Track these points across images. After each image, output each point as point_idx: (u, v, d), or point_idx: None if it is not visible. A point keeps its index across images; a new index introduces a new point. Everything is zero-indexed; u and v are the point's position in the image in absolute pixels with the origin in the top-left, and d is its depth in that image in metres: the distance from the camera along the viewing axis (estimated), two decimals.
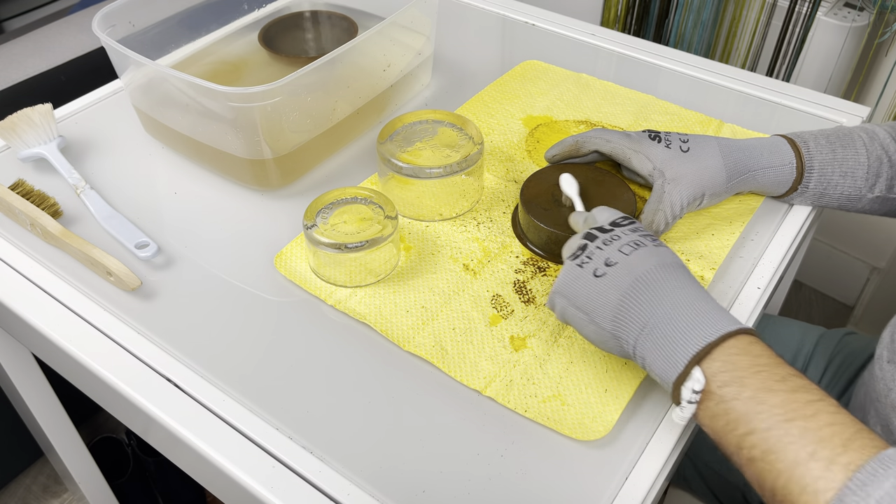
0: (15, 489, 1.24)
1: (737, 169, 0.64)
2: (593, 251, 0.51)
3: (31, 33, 1.04)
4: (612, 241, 0.51)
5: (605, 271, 0.49)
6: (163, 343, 0.57)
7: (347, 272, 0.60)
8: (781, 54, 1.26)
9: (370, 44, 0.71)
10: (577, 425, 0.52)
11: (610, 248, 0.50)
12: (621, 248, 0.50)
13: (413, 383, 0.55)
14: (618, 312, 0.48)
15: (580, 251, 0.51)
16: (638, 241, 0.50)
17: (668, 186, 0.62)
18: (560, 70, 0.87)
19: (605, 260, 0.50)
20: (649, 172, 0.64)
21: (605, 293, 0.49)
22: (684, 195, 0.62)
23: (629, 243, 0.50)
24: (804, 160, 0.65)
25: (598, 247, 0.51)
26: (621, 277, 0.49)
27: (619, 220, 0.53)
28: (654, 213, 0.62)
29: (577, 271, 0.51)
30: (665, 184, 0.62)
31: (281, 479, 0.49)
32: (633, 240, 0.50)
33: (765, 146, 0.65)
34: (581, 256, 0.51)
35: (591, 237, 0.52)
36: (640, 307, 0.48)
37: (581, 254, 0.51)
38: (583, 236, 0.52)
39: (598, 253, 0.50)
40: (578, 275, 0.50)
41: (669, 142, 0.64)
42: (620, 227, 0.52)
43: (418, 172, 0.64)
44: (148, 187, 0.72)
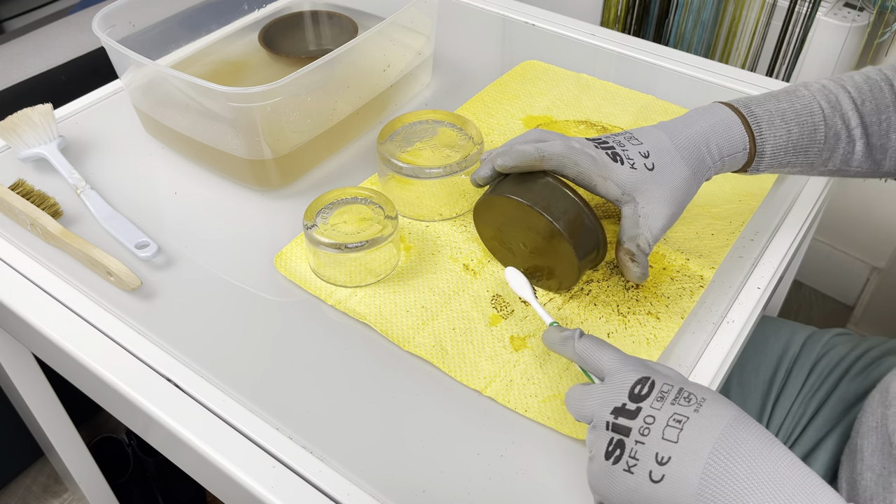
0: (15, 489, 1.24)
1: (701, 173, 0.59)
2: (636, 449, 0.41)
3: (31, 33, 1.04)
4: (649, 428, 0.41)
5: (661, 474, 0.39)
6: (163, 343, 0.57)
7: (347, 272, 0.60)
8: (781, 54, 1.26)
9: (370, 44, 0.71)
10: (577, 425, 0.52)
11: (651, 438, 0.40)
12: (663, 433, 0.40)
13: (413, 383, 0.55)
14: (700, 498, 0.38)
15: (616, 449, 0.41)
16: (678, 416, 0.41)
17: (643, 211, 0.57)
18: (560, 70, 0.87)
19: (657, 457, 0.40)
20: (617, 198, 0.57)
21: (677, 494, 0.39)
22: (661, 218, 0.57)
23: (670, 423, 0.40)
24: (756, 144, 0.59)
25: (637, 441, 0.41)
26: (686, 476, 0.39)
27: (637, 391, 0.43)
28: (636, 238, 0.57)
29: (630, 480, 0.41)
30: (639, 208, 0.57)
31: (281, 479, 0.49)
32: (671, 415, 0.41)
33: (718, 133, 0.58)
34: (623, 458, 0.41)
35: (621, 430, 0.42)
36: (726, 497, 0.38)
37: (622, 454, 0.41)
38: (609, 429, 0.43)
39: (641, 450, 0.40)
40: (635, 485, 0.40)
41: (633, 161, 0.57)
42: (646, 400, 0.42)
43: (418, 172, 0.64)
44: (148, 187, 0.72)
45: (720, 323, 0.59)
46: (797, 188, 0.71)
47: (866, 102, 0.60)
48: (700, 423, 0.40)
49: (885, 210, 1.40)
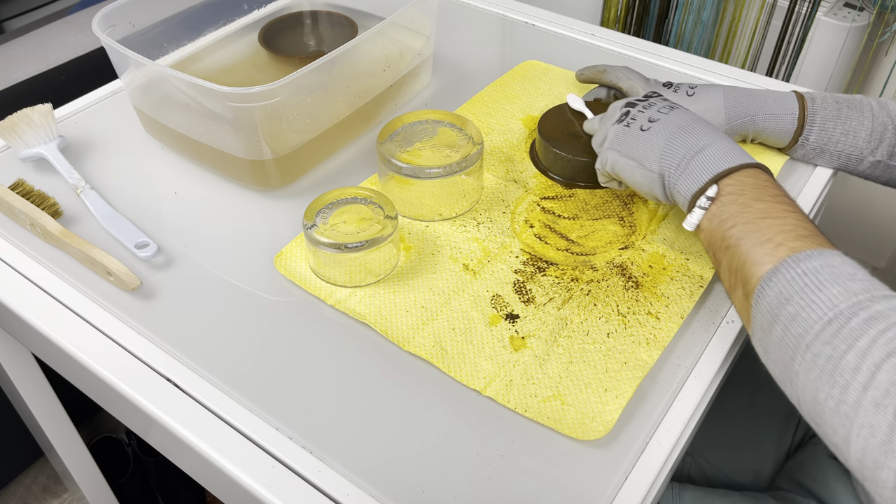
0: (15, 489, 1.24)
1: (737, 112, 0.69)
2: (636, 114, 0.60)
3: (31, 33, 1.04)
4: (650, 106, 0.60)
5: (649, 126, 0.59)
6: (163, 343, 0.57)
7: (347, 272, 0.60)
8: (781, 54, 1.26)
9: (370, 44, 0.71)
10: (577, 425, 0.52)
11: (650, 110, 0.60)
12: (660, 109, 0.60)
13: (413, 383, 0.55)
14: (663, 154, 0.57)
15: (623, 116, 0.61)
16: (671, 105, 0.60)
17: None
18: (560, 70, 0.87)
19: (649, 118, 0.59)
20: None
21: (652, 141, 0.58)
22: None
23: (665, 106, 0.60)
24: (807, 113, 0.68)
25: (639, 111, 0.60)
26: (665, 128, 0.58)
27: (650, 94, 0.63)
28: None
29: (625, 130, 0.60)
30: None
31: (281, 479, 0.49)
32: (667, 104, 0.60)
33: (771, 95, 0.70)
34: (626, 119, 0.60)
35: (632, 104, 0.61)
36: (680, 147, 0.56)
37: (625, 118, 0.61)
38: (623, 104, 0.62)
39: (640, 115, 0.60)
40: (626, 132, 0.60)
41: (678, 88, 0.71)
42: (653, 98, 0.62)
43: (418, 172, 0.64)
44: (148, 187, 0.72)
45: (720, 323, 0.59)
46: (797, 188, 0.71)
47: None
48: (684, 110, 0.60)
49: (885, 210, 1.40)
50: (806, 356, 0.43)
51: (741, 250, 0.50)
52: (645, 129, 0.59)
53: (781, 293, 0.46)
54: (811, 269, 0.45)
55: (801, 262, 0.46)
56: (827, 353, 0.42)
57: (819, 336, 0.43)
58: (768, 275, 0.47)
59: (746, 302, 0.49)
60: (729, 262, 0.51)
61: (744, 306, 0.50)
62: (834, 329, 0.43)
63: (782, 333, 0.45)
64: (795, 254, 0.47)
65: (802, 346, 0.44)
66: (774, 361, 0.47)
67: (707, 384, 0.55)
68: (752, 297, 0.48)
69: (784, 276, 0.46)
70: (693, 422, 0.53)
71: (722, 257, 0.52)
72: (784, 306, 0.45)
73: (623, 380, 0.54)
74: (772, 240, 0.48)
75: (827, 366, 0.42)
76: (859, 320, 0.42)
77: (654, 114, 0.59)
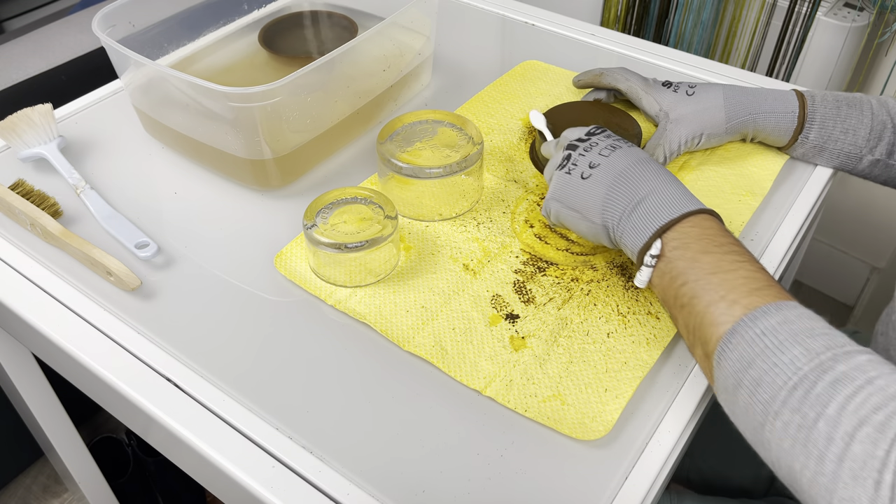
0: (15, 489, 1.24)
1: (737, 110, 0.69)
2: (577, 158, 0.58)
3: (31, 33, 1.04)
4: (591, 148, 0.58)
5: (590, 173, 0.57)
6: (163, 343, 0.57)
7: (347, 272, 0.60)
8: (781, 54, 1.26)
9: (370, 44, 0.71)
10: (577, 425, 0.52)
11: (591, 153, 0.58)
12: (601, 151, 0.57)
13: (413, 383, 0.55)
14: (604, 205, 0.55)
15: (565, 161, 0.59)
16: (614, 144, 0.58)
17: (670, 126, 0.69)
18: (560, 70, 0.87)
19: (589, 163, 0.57)
20: (656, 113, 0.72)
21: (593, 191, 0.56)
22: (683, 134, 0.69)
23: (607, 147, 0.58)
24: (807, 111, 0.68)
25: (580, 154, 0.58)
26: (605, 175, 0.56)
27: (592, 131, 0.60)
28: (655, 148, 0.70)
29: (566, 178, 0.58)
30: (667, 123, 0.70)
31: (281, 479, 0.49)
32: (609, 144, 0.58)
33: (771, 94, 0.69)
34: (567, 165, 0.58)
35: (573, 147, 0.59)
36: (622, 197, 0.54)
37: (566, 163, 0.58)
38: (564, 148, 0.60)
39: (581, 159, 0.58)
40: (567, 181, 0.58)
41: (678, 87, 0.71)
42: (596, 136, 0.59)
43: (418, 172, 0.64)
44: (148, 187, 0.72)
45: None
46: (797, 188, 0.71)
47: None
48: (626, 151, 0.57)
49: (885, 210, 1.40)
50: (776, 424, 0.42)
51: (696, 310, 0.48)
52: (586, 176, 0.57)
53: (742, 356, 0.44)
54: (769, 329, 0.44)
55: (757, 320, 0.45)
56: (797, 421, 0.41)
57: (786, 403, 0.42)
58: (726, 337, 0.46)
59: (708, 362, 0.48)
60: (685, 321, 0.50)
61: (705, 366, 0.49)
62: (800, 395, 0.41)
63: (748, 399, 0.44)
64: (751, 312, 0.45)
65: (771, 414, 0.42)
66: (744, 425, 0.46)
67: (707, 384, 0.55)
68: (714, 359, 0.47)
69: (742, 338, 0.45)
70: (693, 422, 0.53)
71: (678, 315, 0.50)
72: (747, 370, 0.44)
73: (623, 380, 0.54)
74: (725, 297, 0.47)
75: (798, 435, 0.41)
76: (825, 384, 0.41)
77: (594, 157, 0.57)
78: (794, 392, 0.41)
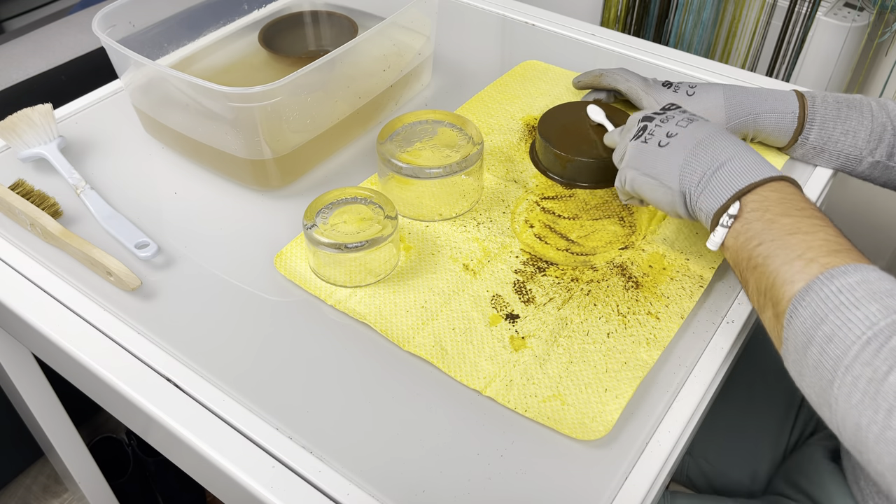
0: (15, 489, 1.24)
1: (737, 110, 0.69)
2: (653, 129, 0.58)
3: (31, 33, 1.04)
4: (668, 120, 0.58)
5: (668, 141, 0.57)
6: (163, 343, 0.57)
7: (347, 272, 0.60)
8: (781, 54, 1.26)
9: (370, 44, 0.71)
10: (577, 425, 0.52)
11: (668, 124, 0.58)
12: (678, 122, 0.58)
13: (413, 383, 0.55)
14: (683, 171, 0.55)
15: (641, 132, 0.59)
16: (690, 117, 0.58)
17: None
18: (560, 70, 0.87)
19: (667, 132, 0.57)
20: None
21: (671, 157, 0.56)
22: None
23: (684, 119, 0.58)
24: (807, 111, 0.68)
25: (657, 125, 0.58)
26: (684, 143, 0.56)
27: (668, 106, 0.61)
28: None
29: (643, 146, 0.58)
30: None
31: (281, 479, 0.49)
32: (686, 116, 0.58)
33: (772, 94, 0.69)
34: (643, 135, 0.59)
35: (649, 119, 0.60)
36: (701, 163, 0.54)
37: (643, 133, 0.59)
38: (640, 119, 0.60)
39: (658, 129, 0.58)
40: (644, 149, 0.58)
41: (678, 88, 0.71)
42: (671, 110, 0.60)
43: (418, 172, 0.64)
44: (148, 187, 0.72)
45: (720, 323, 0.59)
46: None
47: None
48: (703, 123, 0.57)
49: (885, 210, 1.40)
50: (845, 379, 0.41)
51: (770, 269, 0.47)
52: (663, 144, 0.57)
53: (816, 312, 0.43)
54: (846, 286, 0.43)
55: (835, 278, 0.43)
56: (867, 374, 0.40)
57: (858, 357, 0.40)
58: (800, 293, 0.44)
59: (777, 323, 0.47)
60: (757, 282, 0.49)
61: (775, 327, 0.47)
62: (874, 349, 0.40)
63: (818, 355, 0.43)
64: (829, 270, 0.44)
65: (841, 369, 0.41)
66: (810, 386, 0.44)
67: (707, 384, 0.55)
68: (784, 318, 0.46)
69: (818, 295, 0.43)
70: (693, 422, 0.53)
71: (749, 277, 0.50)
72: (819, 326, 0.43)
73: (623, 380, 0.54)
74: (802, 256, 0.46)
75: (868, 388, 0.39)
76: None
77: (672, 128, 0.57)
78: (868, 346, 0.40)
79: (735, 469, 0.78)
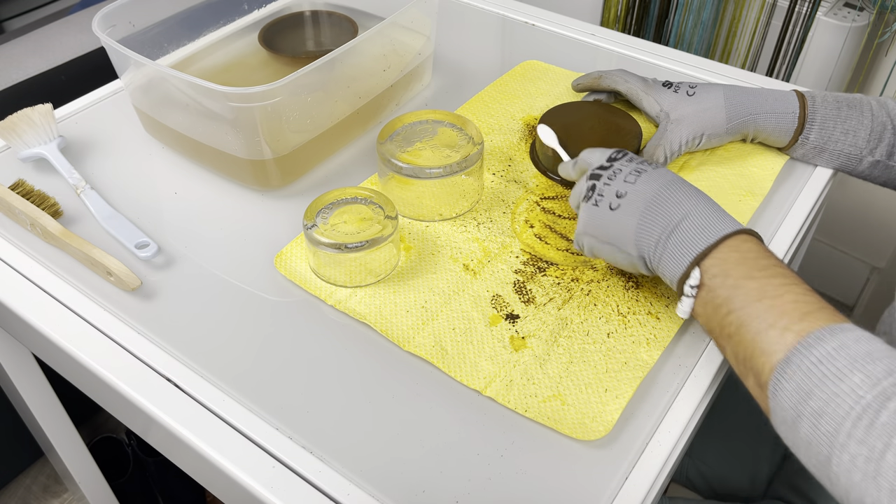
0: (15, 489, 1.24)
1: (738, 111, 0.69)
2: (602, 188, 0.56)
3: (31, 33, 1.04)
4: (615, 176, 0.56)
5: (618, 203, 0.54)
6: (163, 343, 0.57)
7: (347, 272, 0.60)
8: (781, 54, 1.26)
9: (370, 44, 0.71)
10: (577, 425, 0.52)
11: (616, 181, 0.55)
12: (626, 178, 0.55)
13: (413, 383, 0.55)
14: (638, 235, 0.53)
15: (590, 192, 0.56)
16: (638, 169, 0.55)
17: (671, 126, 0.69)
18: (560, 70, 0.87)
19: (616, 192, 0.55)
20: (656, 114, 0.72)
21: (624, 222, 0.54)
22: (684, 134, 0.69)
23: (631, 172, 0.55)
24: (807, 111, 0.68)
25: (605, 183, 0.56)
26: (634, 205, 0.54)
27: (613, 156, 0.58)
28: (655, 148, 0.69)
29: (594, 210, 0.56)
30: (668, 124, 0.70)
31: (281, 479, 0.49)
32: (634, 169, 0.56)
33: (772, 94, 0.69)
34: (593, 196, 0.56)
35: (596, 177, 0.57)
36: (655, 225, 0.53)
37: (592, 194, 0.56)
38: (588, 178, 0.57)
39: (606, 189, 0.55)
40: (595, 213, 0.56)
41: (678, 88, 0.71)
42: (618, 161, 0.57)
43: (418, 172, 0.64)
44: (148, 187, 0.72)
45: None
46: (797, 188, 0.71)
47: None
48: (652, 175, 0.55)
49: (885, 210, 1.40)
50: (842, 458, 0.40)
51: (745, 339, 0.47)
52: (614, 207, 0.55)
53: (800, 387, 0.43)
54: (826, 356, 0.42)
55: (811, 348, 0.43)
56: (864, 453, 0.39)
57: (851, 435, 0.40)
58: (780, 366, 0.44)
59: (762, 393, 0.46)
60: (734, 351, 0.48)
61: (760, 396, 0.47)
62: (865, 425, 0.40)
63: (811, 431, 0.42)
64: (804, 338, 0.43)
65: (837, 447, 0.41)
66: (807, 459, 0.44)
67: (707, 384, 0.55)
68: (768, 390, 0.45)
69: (799, 367, 0.43)
70: (693, 422, 0.53)
71: (725, 344, 0.49)
72: (806, 402, 0.42)
73: (623, 380, 0.54)
74: (774, 325, 0.45)
75: (868, 468, 0.39)
76: (889, 413, 0.39)
77: (620, 186, 0.55)
78: (859, 423, 0.40)
79: (734, 472, 0.78)
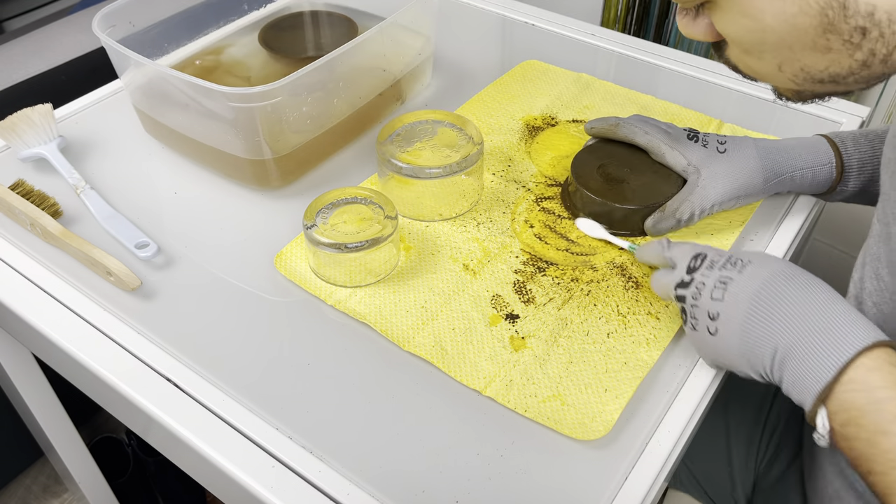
0: (15, 489, 1.24)
1: (774, 171, 0.64)
2: (693, 311, 0.52)
3: (31, 33, 1.04)
4: (700, 294, 0.51)
5: (715, 327, 0.50)
6: (163, 343, 0.57)
7: (347, 272, 0.60)
8: None
9: (370, 44, 0.71)
10: (577, 425, 0.52)
11: (702, 300, 0.51)
12: (712, 295, 0.50)
13: (413, 383, 0.55)
14: (748, 357, 0.49)
15: (684, 315, 0.53)
16: (723, 279, 0.50)
17: (703, 181, 0.63)
18: (560, 70, 0.87)
19: (709, 314, 0.50)
20: (683, 168, 0.65)
21: (728, 346, 0.50)
22: (719, 192, 0.63)
23: (716, 286, 0.50)
24: (843, 159, 0.64)
25: (692, 306, 0.52)
26: (730, 326, 0.49)
27: (692, 265, 0.53)
28: (682, 202, 0.63)
29: (697, 336, 0.52)
30: (700, 179, 0.63)
31: (281, 479, 0.49)
32: (717, 279, 0.50)
33: (803, 146, 0.65)
34: (688, 321, 0.53)
35: (681, 298, 0.53)
36: (758, 353, 0.48)
37: (686, 318, 0.53)
38: (675, 299, 0.54)
39: (697, 312, 0.51)
40: (699, 339, 0.52)
41: (707, 142, 0.65)
42: (698, 272, 0.52)
43: (418, 172, 0.64)
44: (148, 187, 0.72)
45: None
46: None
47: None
48: (742, 281, 0.49)
49: None
50: None
51: None
52: (713, 332, 0.50)
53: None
54: None
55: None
56: None
57: None
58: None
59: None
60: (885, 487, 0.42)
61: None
62: None
63: None
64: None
65: None
66: None
67: (707, 384, 0.55)
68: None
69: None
70: (693, 422, 0.53)
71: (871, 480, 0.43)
72: None
73: (623, 380, 0.54)
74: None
75: None
76: None
77: (710, 306, 0.50)
78: None
79: (733, 474, 0.77)
